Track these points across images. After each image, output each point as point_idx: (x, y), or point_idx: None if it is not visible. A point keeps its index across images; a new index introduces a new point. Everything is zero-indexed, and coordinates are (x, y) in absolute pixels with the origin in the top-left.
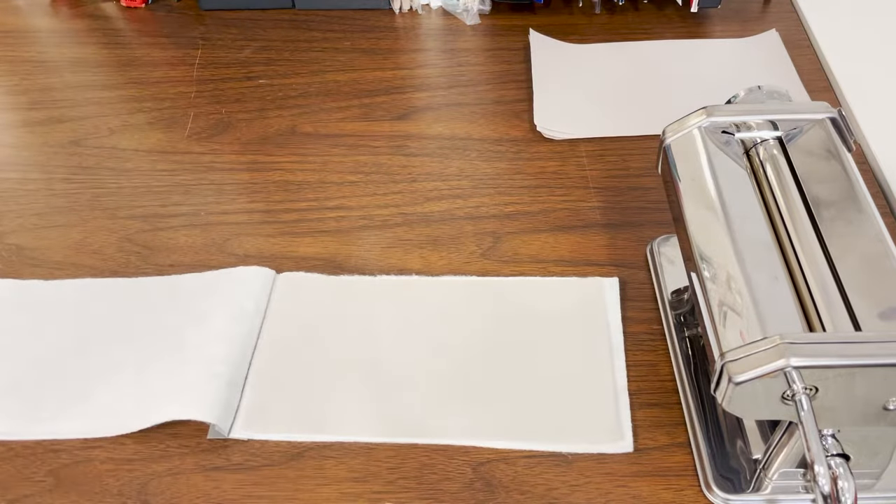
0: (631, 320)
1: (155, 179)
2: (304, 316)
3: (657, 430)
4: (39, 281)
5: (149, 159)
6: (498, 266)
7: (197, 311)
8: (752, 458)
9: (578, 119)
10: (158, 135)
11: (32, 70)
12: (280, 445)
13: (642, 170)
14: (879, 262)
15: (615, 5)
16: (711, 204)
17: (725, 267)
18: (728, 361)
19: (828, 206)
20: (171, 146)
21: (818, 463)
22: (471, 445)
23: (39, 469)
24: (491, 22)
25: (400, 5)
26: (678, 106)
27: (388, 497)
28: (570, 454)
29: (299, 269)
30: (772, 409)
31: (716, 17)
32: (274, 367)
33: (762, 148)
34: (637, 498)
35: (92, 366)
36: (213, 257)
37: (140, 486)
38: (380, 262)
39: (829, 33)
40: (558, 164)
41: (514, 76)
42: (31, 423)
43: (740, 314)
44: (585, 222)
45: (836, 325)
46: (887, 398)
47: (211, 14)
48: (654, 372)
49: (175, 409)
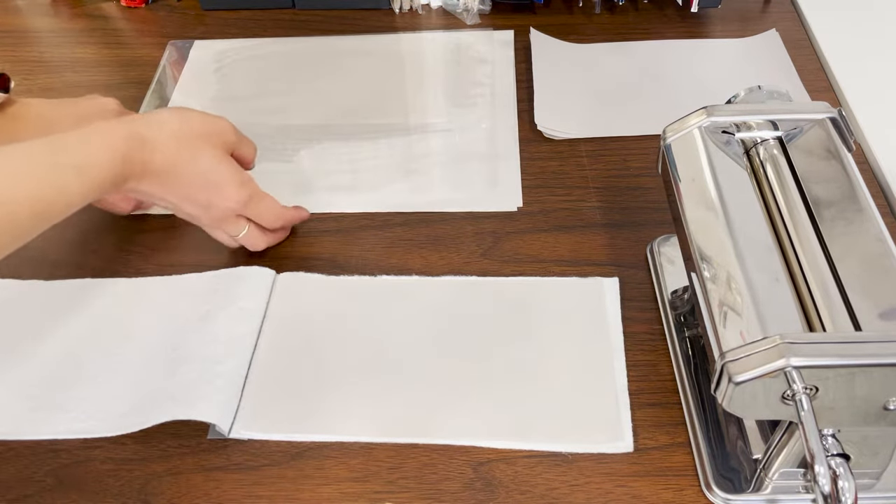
0: (631, 320)
1: None
2: (304, 316)
3: (657, 430)
4: (39, 281)
5: None
6: (498, 266)
7: (197, 311)
8: (752, 457)
9: (579, 119)
10: None
11: (32, 70)
12: (280, 445)
13: (642, 170)
14: (879, 262)
15: (615, 5)
16: (711, 204)
17: (725, 267)
18: (728, 361)
19: (828, 206)
20: None
21: (818, 463)
22: (471, 445)
23: (40, 469)
24: (491, 22)
25: (400, 5)
26: (679, 106)
27: (388, 497)
28: (570, 454)
29: (299, 269)
30: (772, 409)
31: (716, 17)
32: (274, 367)
33: (762, 148)
34: (637, 498)
35: (92, 366)
36: (213, 257)
37: (140, 486)
38: (380, 262)
39: (829, 33)
40: (558, 164)
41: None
42: (31, 423)
43: (740, 314)
44: (585, 222)
45: (836, 325)
46: (887, 398)
47: (211, 14)
48: (654, 372)
49: (175, 409)
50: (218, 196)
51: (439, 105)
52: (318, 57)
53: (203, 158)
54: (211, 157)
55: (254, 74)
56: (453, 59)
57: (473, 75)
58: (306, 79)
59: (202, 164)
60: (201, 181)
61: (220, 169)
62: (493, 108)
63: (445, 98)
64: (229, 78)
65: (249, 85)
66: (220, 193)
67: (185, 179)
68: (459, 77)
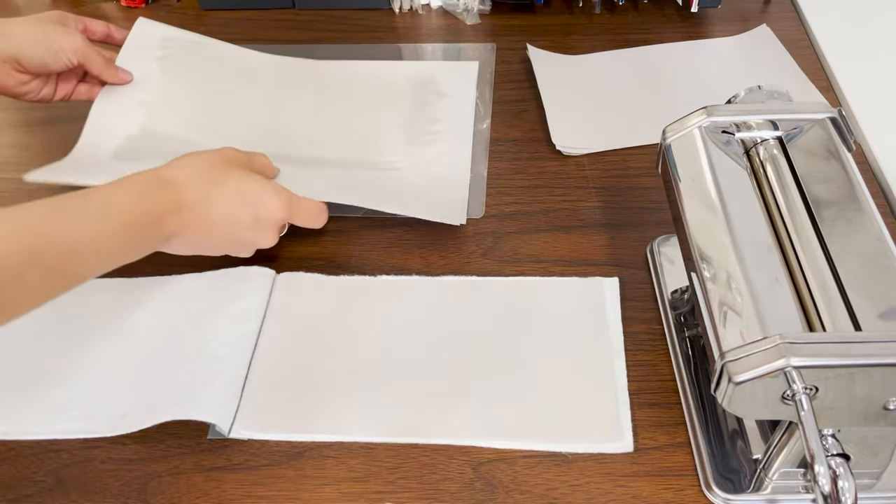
0: (631, 320)
1: None
2: (304, 316)
3: (657, 430)
4: None
5: None
6: (498, 266)
7: (197, 311)
8: (752, 457)
9: (592, 133)
10: None
11: None
12: (280, 445)
13: (642, 170)
14: (879, 262)
15: (615, 5)
16: (711, 204)
17: (725, 267)
18: (728, 361)
19: (828, 206)
20: None
21: (818, 463)
22: (471, 445)
23: (40, 469)
24: (491, 22)
25: (400, 5)
26: (691, 109)
27: (388, 497)
28: (570, 454)
29: (299, 269)
30: (772, 409)
31: (716, 17)
32: (274, 367)
33: (762, 148)
34: (637, 498)
35: (92, 366)
36: (213, 257)
37: (140, 486)
38: (380, 262)
39: (829, 33)
40: (558, 164)
41: (513, 76)
42: (31, 423)
43: (740, 314)
44: (585, 222)
45: (836, 325)
46: (887, 398)
47: (211, 14)
48: (654, 372)
49: (175, 409)
50: (262, 209)
51: (392, 142)
52: (269, 74)
53: (232, 179)
54: (239, 175)
55: (197, 80)
56: (413, 93)
57: (431, 111)
58: (250, 95)
59: (234, 185)
60: (240, 200)
61: (252, 183)
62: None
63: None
64: (170, 74)
65: (190, 91)
66: (263, 206)
67: (224, 206)
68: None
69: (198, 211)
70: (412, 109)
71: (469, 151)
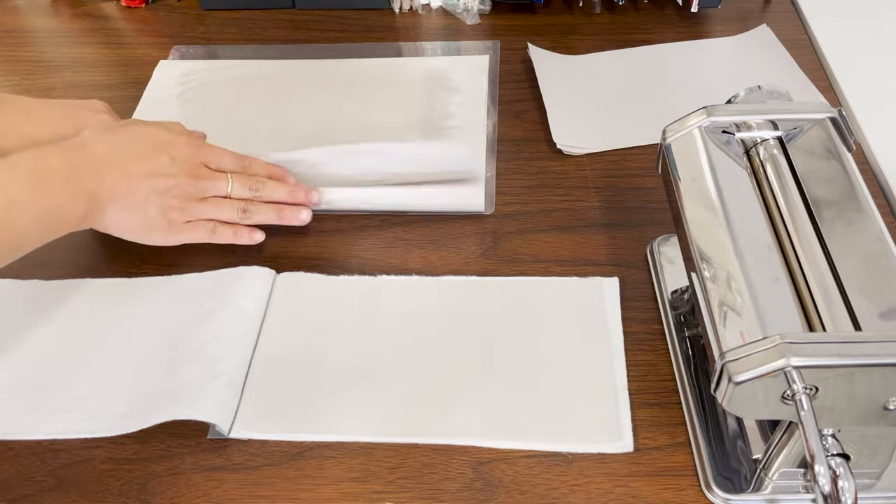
0: (631, 320)
1: None
2: (304, 316)
3: (657, 430)
4: (39, 281)
5: None
6: (498, 266)
7: (197, 312)
8: (752, 457)
9: (594, 132)
10: None
11: (32, 70)
12: (280, 445)
13: (642, 170)
14: (879, 262)
15: (615, 5)
16: (711, 204)
17: (725, 267)
18: (728, 361)
19: (828, 206)
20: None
21: (818, 463)
22: (471, 445)
23: (40, 469)
24: (491, 22)
25: (400, 5)
26: (694, 108)
27: (388, 497)
28: (570, 454)
29: (299, 269)
30: (772, 409)
31: (716, 17)
32: (274, 366)
33: (762, 148)
34: (637, 498)
35: (92, 366)
36: (213, 257)
37: (140, 486)
38: (380, 262)
39: (829, 33)
40: (558, 164)
41: (513, 76)
42: (31, 423)
43: (740, 314)
44: (585, 222)
45: (836, 325)
46: (887, 398)
47: (211, 14)
48: (654, 372)
49: (175, 409)
50: (171, 146)
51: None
52: (285, 83)
53: (135, 126)
54: (141, 123)
55: (217, 100)
56: (425, 89)
57: (445, 106)
58: (271, 106)
59: (138, 131)
60: (149, 144)
61: (155, 127)
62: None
63: (416, 131)
64: (192, 103)
65: (212, 112)
66: (174, 146)
67: (135, 152)
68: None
69: (112, 161)
70: (426, 105)
71: (483, 144)
